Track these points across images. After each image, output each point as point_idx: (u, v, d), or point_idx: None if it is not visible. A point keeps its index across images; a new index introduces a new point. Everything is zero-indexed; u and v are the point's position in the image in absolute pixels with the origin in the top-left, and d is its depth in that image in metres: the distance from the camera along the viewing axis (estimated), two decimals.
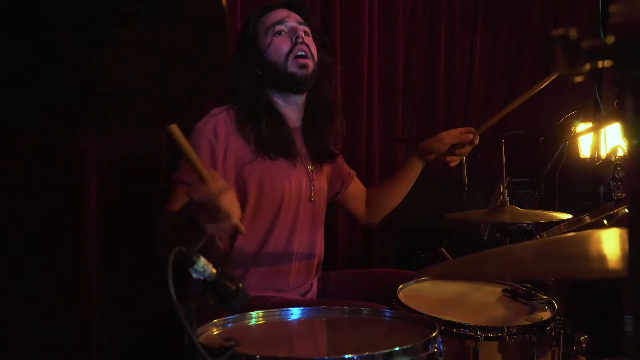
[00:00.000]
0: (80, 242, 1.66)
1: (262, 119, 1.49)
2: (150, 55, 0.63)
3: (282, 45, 1.50)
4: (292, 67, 1.49)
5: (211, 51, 0.63)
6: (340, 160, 1.79)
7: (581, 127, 2.76)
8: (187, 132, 1.52)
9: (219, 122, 1.46)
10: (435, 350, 0.90)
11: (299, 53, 1.49)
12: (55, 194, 1.63)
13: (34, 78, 0.64)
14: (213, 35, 0.61)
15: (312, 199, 1.59)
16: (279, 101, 1.55)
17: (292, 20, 1.54)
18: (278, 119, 1.53)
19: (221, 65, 0.65)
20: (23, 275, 1.57)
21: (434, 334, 0.92)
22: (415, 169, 1.79)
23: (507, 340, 1.14)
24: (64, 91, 0.66)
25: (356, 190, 1.84)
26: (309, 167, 1.60)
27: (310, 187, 1.59)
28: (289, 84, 1.52)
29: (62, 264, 1.63)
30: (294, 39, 1.50)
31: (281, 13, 1.54)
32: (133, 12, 0.59)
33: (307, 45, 1.52)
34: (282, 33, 1.52)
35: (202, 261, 0.80)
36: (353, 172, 1.85)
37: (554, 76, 1.56)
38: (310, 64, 1.51)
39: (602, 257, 0.69)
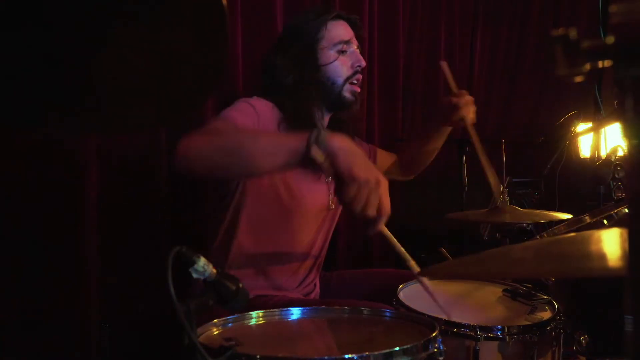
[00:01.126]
0: (80, 242, 1.66)
1: (303, 128, 1.48)
2: (150, 55, 0.63)
3: (343, 66, 1.54)
4: (346, 92, 1.54)
5: (211, 51, 0.63)
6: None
7: (581, 127, 2.76)
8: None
9: (265, 112, 1.44)
10: (436, 350, 0.90)
11: (355, 81, 1.55)
12: (55, 194, 1.63)
13: (34, 78, 0.64)
14: (213, 35, 0.61)
15: (331, 206, 1.60)
16: (316, 110, 1.55)
17: (355, 44, 1.58)
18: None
19: (221, 65, 0.65)
20: (23, 275, 1.57)
21: (434, 334, 0.92)
22: (442, 134, 1.79)
23: (507, 340, 1.14)
24: (64, 91, 0.66)
25: (384, 161, 1.85)
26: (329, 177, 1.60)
27: (329, 195, 1.59)
28: (336, 105, 1.56)
29: (62, 264, 1.63)
30: (356, 66, 1.54)
31: (347, 29, 1.57)
32: (133, 12, 0.59)
33: (361, 74, 1.57)
34: (346, 53, 1.55)
35: (202, 261, 0.80)
36: (374, 148, 1.84)
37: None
38: (360, 91, 1.57)
39: (602, 258, 0.69)
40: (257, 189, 1.47)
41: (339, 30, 1.56)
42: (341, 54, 1.54)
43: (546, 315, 1.24)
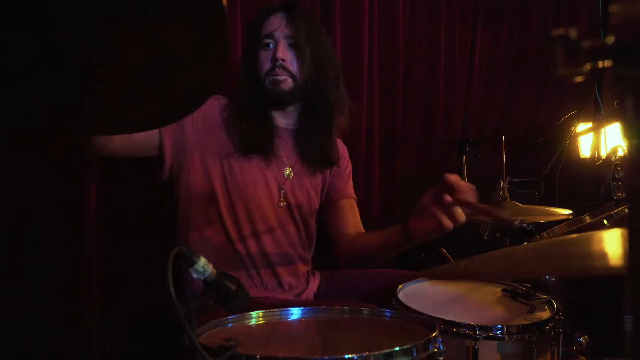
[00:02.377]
0: (80, 242, 1.66)
1: (246, 118, 1.51)
2: (150, 55, 0.63)
3: (264, 62, 1.53)
4: (268, 85, 1.53)
5: (211, 51, 0.63)
6: (341, 181, 1.72)
7: (581, 127, 2.76)
8: None
9: (209, 109, 1.52)
10: (436, 350, 0.90)
11: (275, 75, 1.51)
12: (55, 194, 1.63)
13: (34, 78, 0.64)
14: (213, 35, 0.61)
15: (281, 204, 1.56)
16: (254, 105, 1.56)
17: (281, 31, 1.52)
18: (263, 118, 1.55)
19: (221, 65, 0.65)
20: (23, 275, 1.57)
21: (434, 334, 0.91)
22: (395, 242, 1.47)
23: (507, 339, 1.14)
24: (64, 91, 0.66)
25: (343, 215, 1.70)
26: (287, 171, 1.58)
27: (280, 191, 1.57)
28: (267, 99, 1.54)
29: (62, 264, 1.63)
30: (273, 60, 1.51)
31: (273, 21, 1.53)
32: (133, 11, 0.59)
33: (285, 68, 1.51)
34: (269, 47, 1.53)
35: (202, 261, 0.80)
36: (350, 200, 1.73)
37: None
38: (287, 81, 1.53)
39: (602, 256, 0.69)
40: (188, 184, 1.50)
41: (265, 25, 1.54)
42: (262, 49, 1.53)
43: (545, 315, 1.24)
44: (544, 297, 1.33)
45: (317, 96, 1.57)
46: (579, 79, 0.46)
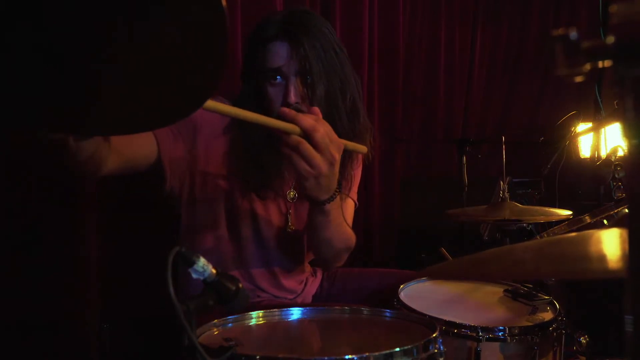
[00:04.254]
0: (80, 242, 1.66)
1: (248, 155, 1.38)
2: (150, 55, 0.63)
3: (274, 100, 1.33)
4: None
5: (211, 51, 0.63)
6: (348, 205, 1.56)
7: (581, 127, 2.77)
8: None
9: (208, 116, 1.29)
10: (436, 351, 0.90)
11: None
12: (55, 194, 1.63)
13: (34, 78, 0.65)
14: (213, 35, 0.61)
15: (290, 228, 1.46)
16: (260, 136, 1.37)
17: (289, 66, 1.30)
18: (269, 150, 1.35)
19: (221, 65, 0.65)
20: (23, 275, 1.57)
21: (434, 335, 0.91)
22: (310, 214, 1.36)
23: (509, 341, 1.14)
24: (64, 91, 0.66)
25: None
26: (291, 194, 1.46)
27: (286, 216, 1.47)
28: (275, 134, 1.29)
29: (62, 264, 1.63)
30: (284, 102, 1.30)
31: (278, 52, 1.31)
32: (133, 12, 0.59)
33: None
34: (276, 79, 1.32)
35: (202, 261, 0.80)
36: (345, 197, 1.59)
37: None
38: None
39: (602, 258, 0.69)
40: (190, 204, 1.43)
41: (269, 53, 1.31)
42: (271, 85, 1.32)
43: (547, 315, 1.24)
44: (546, 297, 1.33)
45: (330, 118, 1.31)
46: (579, 79, 0.46)
